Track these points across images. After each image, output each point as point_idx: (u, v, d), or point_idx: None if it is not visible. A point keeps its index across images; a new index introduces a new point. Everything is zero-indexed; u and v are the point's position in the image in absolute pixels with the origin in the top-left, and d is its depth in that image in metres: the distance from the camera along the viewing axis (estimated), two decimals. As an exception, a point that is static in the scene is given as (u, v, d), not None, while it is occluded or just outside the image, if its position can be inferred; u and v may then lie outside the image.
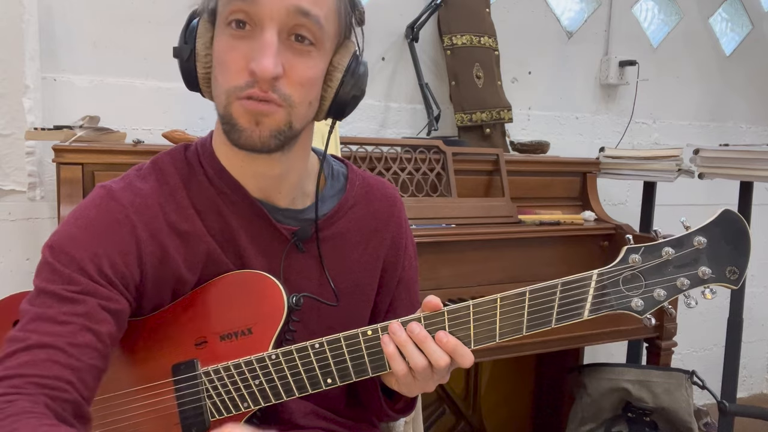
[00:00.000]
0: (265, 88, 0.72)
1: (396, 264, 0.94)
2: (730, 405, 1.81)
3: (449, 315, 0.76)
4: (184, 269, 0.80)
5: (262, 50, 0.71)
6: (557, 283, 0.75)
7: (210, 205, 0.82)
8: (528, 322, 0.75)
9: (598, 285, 0.75)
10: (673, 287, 0.75)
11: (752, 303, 2.78)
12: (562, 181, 1.94)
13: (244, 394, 0.80)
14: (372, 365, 0.78)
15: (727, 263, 0.75)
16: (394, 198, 0.95)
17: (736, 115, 2.71)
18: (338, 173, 0.93)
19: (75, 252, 0.74)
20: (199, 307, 0.82)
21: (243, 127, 0.73)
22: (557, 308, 0.75)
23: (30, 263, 1.62)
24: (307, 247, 0.86)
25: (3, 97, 1.50)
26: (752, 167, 1.69)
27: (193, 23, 0.77)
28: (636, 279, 0.75)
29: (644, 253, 0.75)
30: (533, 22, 2.24)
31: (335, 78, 0.79)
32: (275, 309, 0.80)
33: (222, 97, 0.74)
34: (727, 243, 0.74)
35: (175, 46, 0.78)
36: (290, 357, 0.78)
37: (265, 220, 0.83)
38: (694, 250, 0.75)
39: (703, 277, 0.75)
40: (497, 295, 0.75)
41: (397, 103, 2.04)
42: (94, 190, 0.80)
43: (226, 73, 0.74)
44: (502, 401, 2.15)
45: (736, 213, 0.75)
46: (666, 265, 0.75)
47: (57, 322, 0.71)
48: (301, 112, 0.76)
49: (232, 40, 0.73)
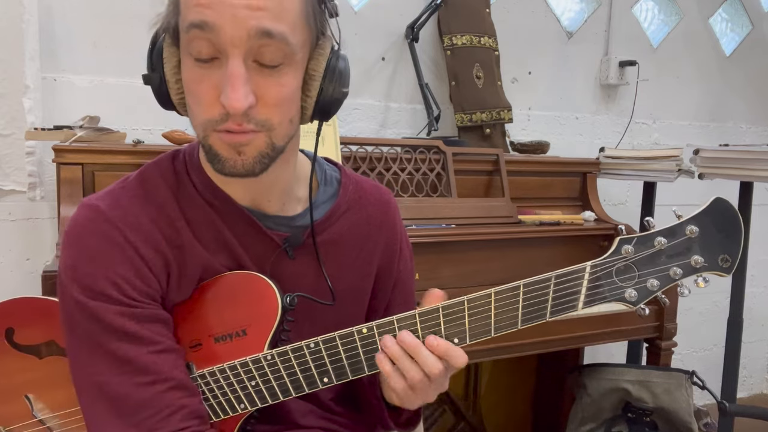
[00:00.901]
0: (240, 121, 0.69)
1: (391, 268, 0.94)
2: (730, 405, 1.81)
3: (444, 311, 0.76)
4: (183, 281, 0.80)
5: (230, 84, 0.67)
6: (551, 276, 0.75)
7: (201, 216, 0.81)
8: (523, 315, 0.76)
9: (591, 277, 0.75)
10: (666, 277, 0.75)
11: (752, 303, 2.77)
12: (562, 181, 1.94)
13: (240, 396, 0.80)
14: (368, 363, 0.78)
15: (720, 251, 0.74)
16: (387, 202, 0.94)
17: (736, 116, 2.71)
18: (331, 178, 0.91)
19: (99, 287, 0.74)
20: (192, 310, 0.81)
21: (225, 158, 0.72)
22: (551, 301, 0.75)
23: (30, 263, 1.62)
24: (298, 254, 0.85)
25: (3, 97, 1.50)
26: (752, 167, 1.69)
27: (158, 46, 0.75)
28: (629, 270, 0.76)
29: (637, 243, 0.75)
30: (533, 22, 2.24)
31: (314, 87, 0.75)
32: (269, 309, 0.79)
33: (199, 129, 0.72)
34: (719, 231, 0.74)
35: (144, 74, 0.76)
36: (286, 357, 0.78)
37: (256, 228, 0.82)
38: (686, 239, 0.75)
39: (696, 265, 0.75)
40: (491, 290, 0.76)
41: (397, 103, 2.04)
42: (83, 212, 0.77)
43: (198, 105, 0.71)
44: (502, 401, 2.15)
45: (728, 201, 0.75)
46: (659, 255, 0.75)
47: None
48: (282, 131, 0.74)
49: (198, 70, 0.69)
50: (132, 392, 0.73)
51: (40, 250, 1.63)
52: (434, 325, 0.76)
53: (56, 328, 0.89)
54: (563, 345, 1.62)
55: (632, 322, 1.69)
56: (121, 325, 0.73)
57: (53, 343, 0.91)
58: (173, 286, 0.79)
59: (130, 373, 0.73)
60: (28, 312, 0.92)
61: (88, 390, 0.75)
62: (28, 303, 0.92)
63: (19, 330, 0.91)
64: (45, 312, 0.91)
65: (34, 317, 0.91)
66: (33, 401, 0.91)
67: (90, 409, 0.75)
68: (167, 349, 0.76)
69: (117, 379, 0.73)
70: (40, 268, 1.57)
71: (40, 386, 0.91)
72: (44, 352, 0.91)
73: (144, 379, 0.73)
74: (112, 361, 0.73)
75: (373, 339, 0.77)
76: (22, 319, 0.91)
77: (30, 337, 0.91)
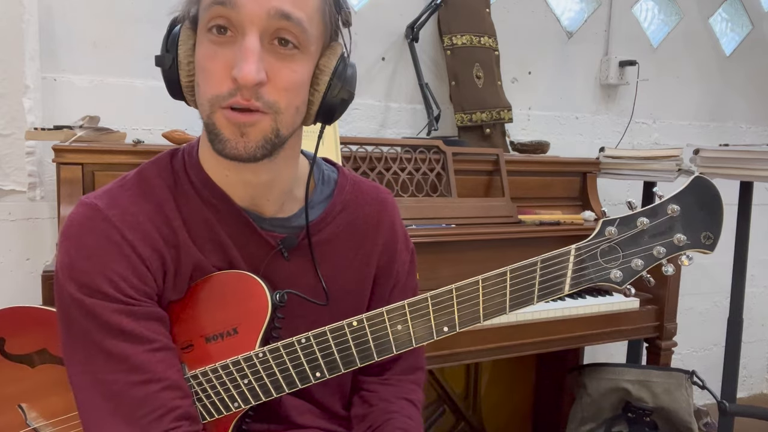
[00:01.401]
0: (248, 96, 0.70)
1: (390, 269, 0.93)
2: (730, 405, 1.81)
3: (432, 300, 0.77)
4: (177, 280, 0.80)
5: (244, 56, 0.69)
6: (537, 260, 0.76)
7: (197, 216, 0.81)
8: (511, 300, 0.77)
9: (576, 259, 0.76)
10: (650, 256, 0.76)
11: (752, 303, 2.77)
12: (562, 181, 1.94)
13: (234, 395, 0.80)
14: (359, 355, 0.79)
15: (702, 229, 0.76)
16: (385, 202, 0.94)
17: (736, 115, 2.71)
18: (329, 178, 0.92)
19: (96, 284, 0.74)
20: (183, 311, 0.81)
21: (227, 138, 0.72)
22: (538, 285, 0.76)
23: (30, 263, 1.63)
24: (293, 255, 0.85)
25: (3, 97, 1.50)
26: (752, 167, 1.68)
27: (174, 30, 0.76)
28: (613, 251, 0.77)
29: (620, 224, 0.76)
30: (533, 22, 2.24)
31: (322, 81, 0.76)
32: (259, 307, 0.80)
33: (205, 106, 0.73)
34: (700, 209, 0.75)
35: (157, 55, 0.76)
36: (278, 354, 0.79)
37: (251, 229, 0.82)
38: (668, 219, 0.76)
39: (679, 244, 0.76)
40: (479, 277, 0.77)
41: (397, 103, 2.04)
42: (81, 210, 0.77)
43: (208, 80, 0.72)
44: (502, 401, 2.15)
45: (708, 179, 0.76)
46: (642, 235, 0.76)
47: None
48: (288, 119, 0.74)
49: (213, 47, 0.71)
50: (126, 391, 0.73)
51: (40, 250, 1.63)
52: (424, 314, 0.77)
53: (48, 336, 0.89)
54: (563, 345, 1.62)
55: (632, 322, 1.69)
56: (118, 323, 0.73)
57: (45, 352, 0.90)
58: (169, 284, 0.80)
59: (125, 371, 0.74)
60: (18, 321, 0.91)
61: (84, 387, 0.75)
62: (19, 312, 0.91)
63: (10, 340, 0.91)
64: (36, 321, 0.90)
65: (25, 326, 0.91)
66: (26, 410, 0.91)
67: (85, 407, 0.75)
68: (163, 347, 0.76)
69: (111, 377, 0.74)
70: (40, 268, 1.57)
71: (34, 395, 0.91)
72: (37, 361, 0.91)
73: (138, 377, 0.74)
74: (107, 359, 0.74)
75: (364, 331, 0.78)
76: (13, 329, 0.91)
77: (21, 346, 0.91)
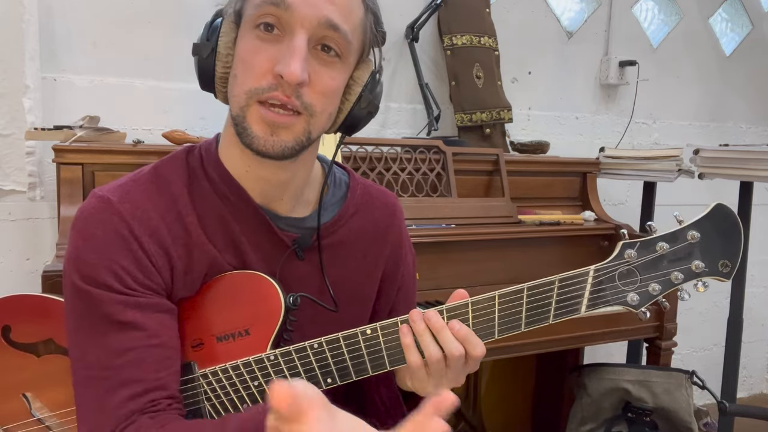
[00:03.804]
0: (289, 93, 0.71)
1: (396, 272, 0.95)
2: (730, 405, 1.81)
3: (448, 314, 0.76)
4: (189, 277, 0.80)
5: (291, 54, 0.71)
6: (555, 279, 0.76)
7: (212, 212, 0.81)
8: (526, 318, 0.76)
9: (594, 281, 0.76)
10: (667, 281, 0.76)
11: (752, 303, 2.77)
12: (562, 181, 1.94)
13: (243, 396, 0.79)
14: (372, 364, 0.78)
15: (720, 257, 0.75)
16: (394, 206, 0.96)
17: (736, 115, 2.71)
18: (340, 181, 0.93)
19: (100, 276, 0.74)
20: (195, 309, 0.81)
21: (255, 134, 0.73)
22: (555, 304, 0.76)
23: (30, 263, 1.63)
24: (307, 255, 0.86)
25: (3, 97, 1.50)
26: (752, 167, 1.69)
27: (217, 21, 0.77)
28: (631, 274, 0.76)
29: (639, 248, 0.76)
30: (533, 22, 2.24)
31: (354, 92, 0.80)
32: (272, 309, 0.79)
33: (241, 97, 0.73)
34: (720, 237, 0.75)
35: (195, 43, 0.77)
36: (289, 357, 0.78)
37: (268, 227, 0.83)
38: (687, 245, 0.75)
39: (697, 270, 0.75)
40: (495, 293, 0.76)
41: (397, 103, 2.04)
42: (93, 202, 0.78)
43: (248, 73, 0.73)
44: (502, 401, 2.15)
45: (729, 207, 0.76)
46: (660, 260, 0.76)
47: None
48: (320, 123, 0.76)
49: (258, 42, 0.73)
50: (111, 386, 0.73)
51: (40, 250, 1.63)
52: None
53: (55, 326, 0.89)
54: (563, 345, 1.62)
55: (632, 322, 1.69)
56: (120, 314, 0.73)
57: (51, 342, 0.90)
58: (179, 281, 0.79)
59: (121, 366, 0.73)
60: (25, 309, 0.91)
61: (79, 379, 0.75)
62: (25, 300, 0.91)
63: (16, 327, 0.91)
64: (43, 310, 0.90)
65: (31, 315, 0.91)
66: (31, 400, 0.91)
67: (80, 398, 0.75)
68: (161, 344, 0.76)
69: (103, 368, 0.73)
70: (40, 268, 1.57)
71: (38, 385, 0.91)
72: (42, 351, 0.91)
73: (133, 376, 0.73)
74: (106, 350, 0.73)
75: (377, 340, 0.77)
76: (19, 317, 0.91)
77: (27, 334, 0.91)
